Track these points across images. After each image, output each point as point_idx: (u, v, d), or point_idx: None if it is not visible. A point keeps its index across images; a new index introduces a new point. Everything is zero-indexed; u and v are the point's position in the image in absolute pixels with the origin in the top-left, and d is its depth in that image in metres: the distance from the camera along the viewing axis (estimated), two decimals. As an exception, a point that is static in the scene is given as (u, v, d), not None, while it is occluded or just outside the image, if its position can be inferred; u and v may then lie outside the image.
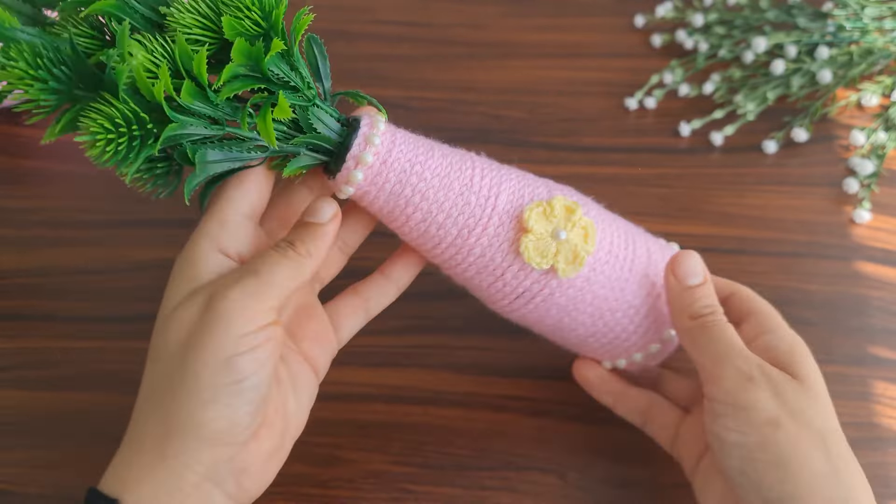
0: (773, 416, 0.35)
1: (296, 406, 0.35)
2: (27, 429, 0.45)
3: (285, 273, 0.32)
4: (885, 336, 0.47)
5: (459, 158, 0.37)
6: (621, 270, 0.39)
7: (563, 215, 0.37)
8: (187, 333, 0.31)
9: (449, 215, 0.36)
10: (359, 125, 0.35)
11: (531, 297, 0.38)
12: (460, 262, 0.37)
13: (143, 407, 0.32)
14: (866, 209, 0.52)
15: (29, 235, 0.53)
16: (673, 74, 0.60)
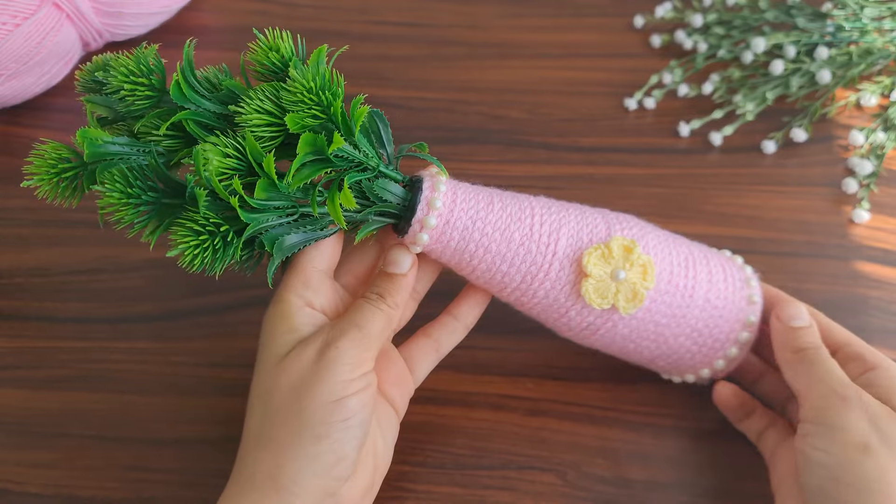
0: (863, 440, 0.35)
1: (383, 445, 0.38)
2: (26, 428, 0.45)
3: (381, 324, 0.36)
4: (884, 336, 0.47)
5: (519, 207, 0.39)
6: (682, 298, 0.40)
7: (622, 255, 0.39)
8: (299, 378, 0.34)
9: (512, 264, 0.39)
10: (421, 187, 0.38)
11: (596, 330, 0.40)
12: (526, 302, 0.40)
13: (254, 444, 0.35)
14: (865, 209, 0.52)
15: (27, 235, 0.53)
16: (672, 75, 0.60)
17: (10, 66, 0.55)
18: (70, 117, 0.60)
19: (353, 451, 0.34)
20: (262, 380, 0.36)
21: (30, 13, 0.54)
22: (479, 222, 0.38)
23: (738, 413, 0.43)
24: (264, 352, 0.36)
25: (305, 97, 0.35)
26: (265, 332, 0.37)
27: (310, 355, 0.35)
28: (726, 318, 0.41)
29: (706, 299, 0.41)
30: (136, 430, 0.45)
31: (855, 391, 0.37)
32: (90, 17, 0.58)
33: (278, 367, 0.35)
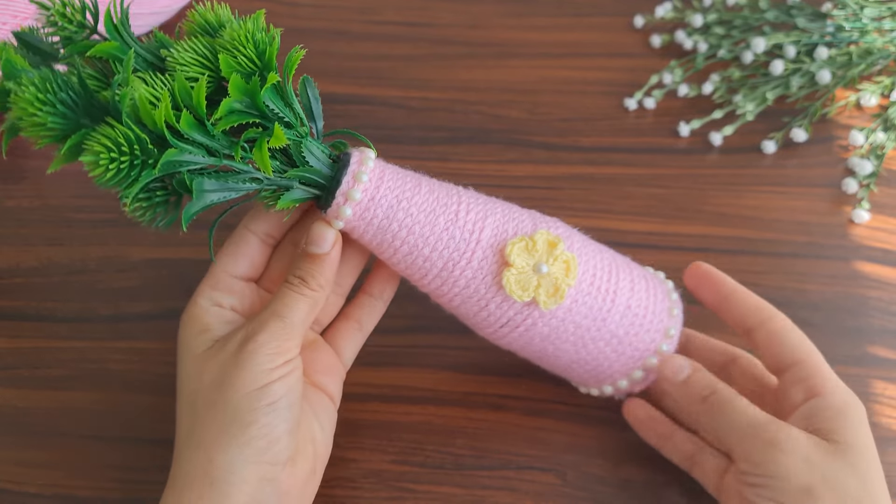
0: (805, 483, 0.35)
1: (321, 433, 0.38)
2: (24, 428, 0.45)
3: (304, 311, 0.36)
4: (884, 336, 0.47)
5: (446, 193, 0.39)
6: (603, 301, 0.39)
7: (546, 249, 0.38)
8: (221, 373, 0.34)
9: (434, 249, 0.38)
10: (349, 161, 0.37)
11: (515, 327, 0.39)
12: (446, 292, 0.39)
13: (185, 444, 0.35)
14: (865, 209, 0.52)
15: (27, 234, 0.53)
16: (672, 74, 0.60)
17: (10, 65, 0.55)
18: (70, 117, 0.60)
19: (284, 433, 0.34)
20: (184, 381, 0.36)
21: (30, 13, 0.54)
22: (405, 202, 0.37)
23: (653, 434, 0.43)
24: (182, 354, 0.37)
25: (240, 40, 0.34)
26: (180, 337, 0.37)
27: (229, 350, 0.35)
28: (647, 327, 0.40)
29: (627, 306, 0.40)
30: (136, 431, 0.45)
31: (781, 432, 0.36)
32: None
33: (199, 367, 0.35)
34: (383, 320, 0.43)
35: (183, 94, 0.34)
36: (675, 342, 0.42)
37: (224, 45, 0.34)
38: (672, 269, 0.50)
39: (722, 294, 0.42)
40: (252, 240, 0.39)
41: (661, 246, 0.51)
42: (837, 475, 0.35)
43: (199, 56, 0.34)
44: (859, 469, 0.36)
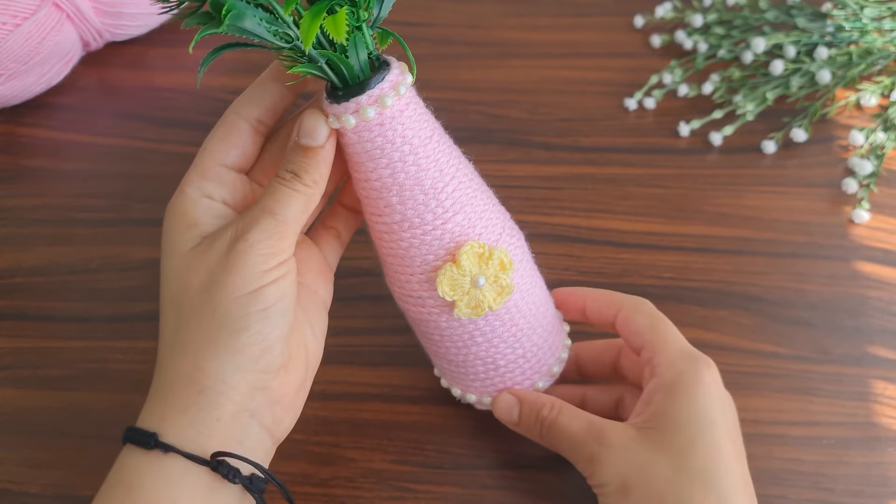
0: (622, 481, 0.35)
1: (313, 337, 0.36)
2: (26, 428, 0.45)
3: (298, 207, 0.33)
4: (884, 336, 0.47)
5: (447, 159, 0.36)
6: (510, 329, 0.39)
7: (495, 268, 0.37)
8: (209, 275, 0.32)
9: (402, 202, 0.35)
10: (389, 68, 0.34)
11: (421, 306, 0.38)
12: (387, 241, 0.37)
13: (170, 351, 0.33)
14: (865, 209, 0.52)
15: (28, 234, 0.53)
16: (672, 74, 0.60)
17: (11, 65, 0.55)
18: (71, 116, 0.60)
19: (278, 340, 0.32)
20: (169, 281, 0.33)
21: (30, 13, 0.54)
22: (407, 146, 0.34)
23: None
24: (167, 252, 0.34)
25: None
26: (164, 229, 0.34)
27: (218, 249, 0.32)
28: (532, 371, 0.41)
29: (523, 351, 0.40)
30: (137, 430, 0.45)
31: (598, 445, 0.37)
32: (90, 17, 0.58)
33: (186, 266, 0.33)
34: (384, 320, 0.43)
35: None
36: (553, 379, 0.42)
37: None
38: (672, 269, 0.50)
39: (580, 303, 0.42)
40: (243, 126, 0.35)
41: (661, 246, 0.51)
42: (650, 462, 0.35)
43: None
44: (675, 448, 0.35)
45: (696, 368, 0.37)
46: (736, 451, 0.36)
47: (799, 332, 0.48)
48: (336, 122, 0.33)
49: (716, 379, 0.37)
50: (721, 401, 0.37)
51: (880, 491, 0.42)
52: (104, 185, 0.55)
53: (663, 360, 0.38)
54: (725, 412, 0.37)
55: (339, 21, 0.30)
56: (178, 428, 0.31)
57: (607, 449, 0.36)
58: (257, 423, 0.33)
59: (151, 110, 0.60)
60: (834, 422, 0.44)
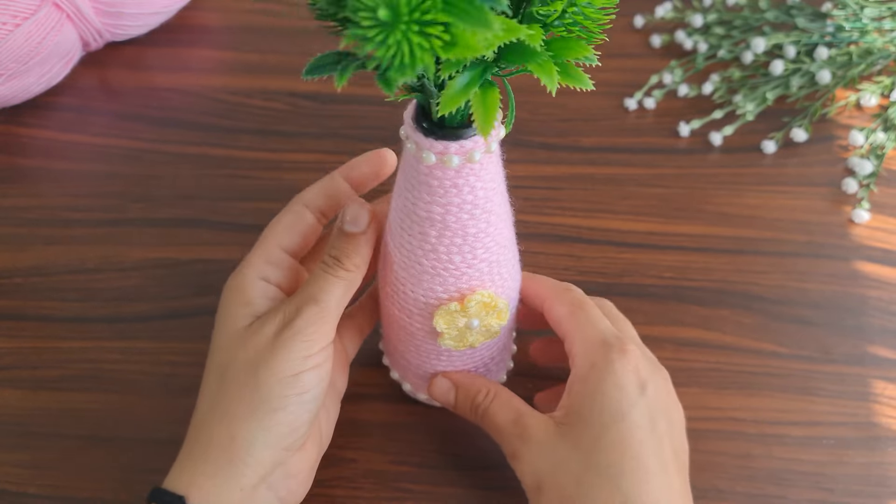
0: (536, 481, 0.35)
1: (326, 422, 0.39)
2: (24, 429, 0.45)
3: (339, 293, 0.35)
4: (884, 335, 0.47)
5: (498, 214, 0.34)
6: (476, 360, 0.40)
7: (492, 316, 0.37)
8: (256, 354, 0.34)
9: (440, 239, 0.34)
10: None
11: (407, 315, 0.38)
12: (405, 254, 0.35)
13: (209, 416, 0.35)
14: (865, 209, 0.52)
15: (26, 234, 0.53)
16: (672, 75, 0.60)
17: (11, 65, 0.55)
18: (71, 116, 0.60)
19: (305, 423, 0.35)
20: (218, 354, 0.36)
21: (30, 13, 0.54)
22: (471, 196, 0.32)
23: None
24: (220, 325, 0.36)
25: None
26: (221, 304, 0.37)
27: (267, 333, 0.35)
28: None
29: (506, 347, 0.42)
30: (135, 431, 0.45)
31: (518, 440, 0.37)
32: (90, 17, 0.58)
33: (236, 342, 0.35)
34: (383, 320, 0.43)
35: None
36: None
37: None
38: (673, 268, 0.50)
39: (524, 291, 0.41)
40: (307, 215, 0.38)
41: (661, 246, 0.51)
42: (562, 460, 0.35)
43: None
44: (584, 445, 0.34)
45: (607, 358, 0.36)
46: (655, 444, 0.34)
47: (800, 331, 0.48)
48: (413, 147, 0.31)
49: (631, 367, 0.36)
50: (636, 390, 0.35)
51: (880, 491, 0.42)
52: (103, 185, 0.55)
53: (578, 349, 0.37)
54: (641, 403, 0.35)
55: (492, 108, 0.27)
56: (205, 493, 0.33)
57: (527, 445, 0.36)
58: (274, 495, 0.35)
59: (151, 111, 0.60)
60: (834, 422, 0.44)
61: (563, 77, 0.27)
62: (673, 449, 0.36)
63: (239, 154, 0.57)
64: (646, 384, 0.36)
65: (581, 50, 0.27)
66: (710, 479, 0.43)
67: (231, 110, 0.60)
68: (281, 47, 0.63)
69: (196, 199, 0.54)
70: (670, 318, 0.48)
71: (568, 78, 0.27)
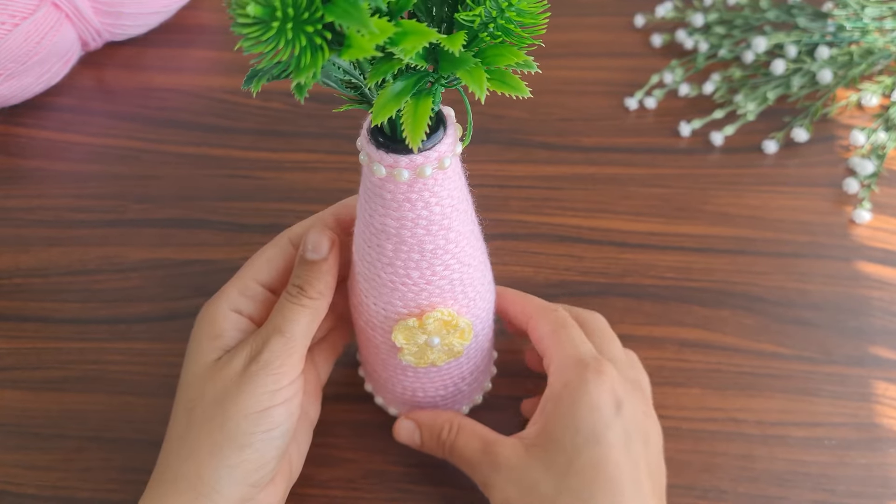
0: (505, 501, 0.35)
1: (297, 454, 0.39)
2: (24, 429, 0.45)
3: (304, 321, 0.35)
4: (886, 336, 0.47)
5: (458, 231, 0.33)
6: (444, 379, 0.39)
7: (453, 335, 0.36)
8: (224, 390, 0.34)
9: (396, 253, 0.33)
10: (443, 134, 0.30)
11: (371, 328, 0.37)
12: (366, 264, 0.34)
13: (176, 451, 0.34)
14: (866, 209, 0.52)
15: (26, 235, 0.53)
16: (673, 74, 0.60)
17: (10, 65, 0.55)
18: (69, 116, 0.60)
19: (273, 459, 0.34)
20: (186, 388, 0.35)
21: (29, 13, 0.54)
22: (426, 212, 0.31)
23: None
24: (190, 359, 0.36)
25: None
26: (192, 336, 0.37)
27: (235, 367, 0.34)
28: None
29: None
30: (135, 432, 0.44)
31: (489, 469, 0.36)
32: (89, 17, 0.58)
33: (204, 377, 0.35)
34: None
35: None
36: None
37: None
38: (674, 269, 0.50)
39: (500, 307, 0.41)
40: (290, 251, 0.38)
41: (662, 246, 0.51)
42: (535, 484, 0.34)
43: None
44: (556, 467, 0.34)
45: (581, 377, 0.35)
46: (631, 466, 0.34)
47: (801, 332, 0.47)
48: (365, 158, 0.31)
49: (607, 386, 0.35)
50: (612, 410, 0.35)
51: (881, 492, 0.42)
52: (102, 185, 0.55)
53: (554, 368, 0.37)
54: (617, 424, 0.34)
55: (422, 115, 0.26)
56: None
57: (497, 472, 0.35)
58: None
59: (150, 111, 0.60)
60: (836, 422, 0.44)
61: (495, 84, 0.26)
62: (649, 471, 0.35)
63: (238, 154, 0.57)
64: (622, 403, 0.35)
65: (512, 55, 0.26)
66: (712, 480, 0.43)
67: (230, 110, 0.60)
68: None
69: (196, 199, 0.54)
70: (671, 319, 0.48)
71: (503, 86, 0.27)
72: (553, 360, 0.37)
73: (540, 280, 0.50)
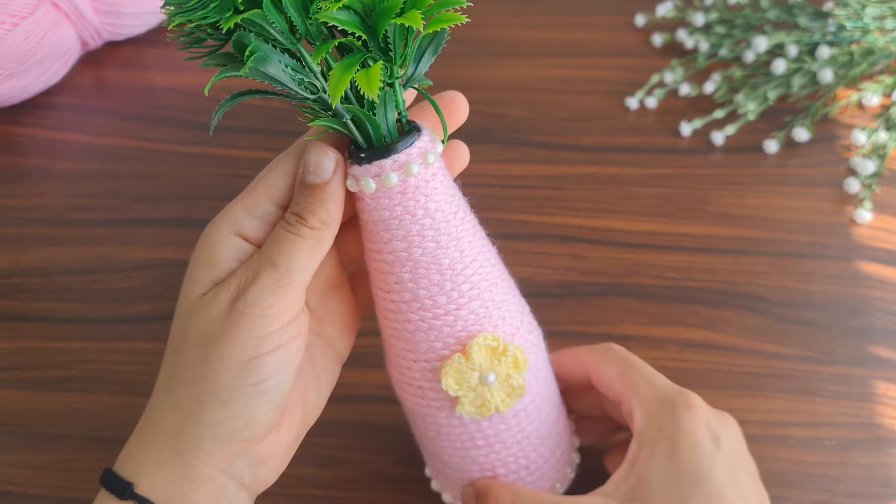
0: None
1: (316, 393, 0.34)
2: (25, 430, 0.45)
3: (304, 254, 0.30)
4: (887, 336, 0.47)
5: (469, 240, 0.32)
6: (516, 436, 0.36)
7: (507, 366, 0.33)
8: (208, 330, 0.29)
9: (415, 280, 0.32)
10: (419, 134, 0.31)
11: (421, 397, 0.34)
12: (393, 320, 0.33)
13: (161, 395, 0.31)
14: (867, 209, 0.52)
15: (26, 234, 0.53)
16: (673, 74, 0.60)
17: (9, 65, 0.54)
18: (69, 116, 0.60)
19: (265, 414, 0.30)
20: (175, 324, 0.31)
21: (28, 12, 0.54)
22: (429, 219, 0.31)
23: None
24: (184, 286, 0.31)
25: None
26: (189, 265, 0.31)
27: (221, 303, 0.29)
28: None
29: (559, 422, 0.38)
30: (136, 432, 0.44)
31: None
32: (89, 17, 0.57)
33: (190, 313, 0.30)
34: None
35: None
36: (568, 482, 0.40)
37: None
38: (676, 269, 0.50)
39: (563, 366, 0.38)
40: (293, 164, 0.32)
41: (664, 246, 0.51)
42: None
43: None
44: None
45: (674, 417, 0.33)
46: (742, 501, 0.32)
47: (802, 332, 0.47)
48: (355, 184, 0.30)
49: (702, 421, 0.33)
50: (711, 446, 0.33)
51: (882, 492, 0.42)
52: (102, 185, 0.55)
53: (638, 413, 0.34)
54: (720, 459, 0.33)
55: (373, 76, 0.27)
56: (154, 480, 0.30)
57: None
58: (236, 482, 0.31)
59: (149, 110, 0.60)
60: (837, 423, 0.44)
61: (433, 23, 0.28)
62: (760, 502, 0.33)
63: (238, 153, 0.57)
64: (718, 437, 0.33)
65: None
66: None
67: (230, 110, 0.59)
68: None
69: (195, 198, 0.54)
70: (674, 319, 0.48)
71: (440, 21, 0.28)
72: (633, 404, 0.34)
73: (541, 280, 0.50)
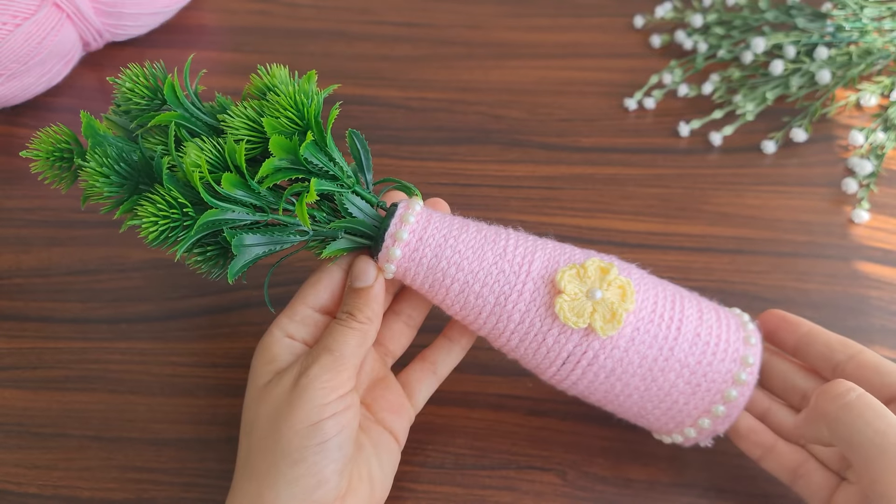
0: None
1: (380, 473, 0.38)
2: (26, 429, 0.45)
3: (353, 343, 0.37)
4: (884, 335, 0.47)
5: (493, 232, 0.39)
6: (668, 329, 0.38)
7: (598, 276, 0.38)
8: (276, 408, 0.35)
9: (485, 283, 0.38)
10: (396, 208, 0.38)
11: (576, 362, 0.38)
12: (503, 330, 0.39)
13: (240, 475, 0.36)
14: (865, 209, 0.52)
15: (27, 235, 0.53)
16: (672, 75, 0.60)
17: (11, 66, 0.55)
18: (70, 117, 0.60)
19: (333, 473, 0.35)
20: (246, 412, 0.37)
21: (30, 13, 0.54)
22: (452, 240, 0.38)
23: (754, 446, 0.40)
24: (249, 383, 0.38)
25: (283, 103, 0.36)
26: (252, 365, 0.38)
27: (285, 384, 0.36)
28: (721, 356, 0.38)
29: (696, 334, 0.38)
30: (136, 431, 0.45)
31: None
32: (90, 17, 0.58)
33: (259, 398, 0.36)
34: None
35: (232, 156, 0.36)
36: (756, 371, 0.39)
37: (269, 107, 0.37)
38: (674, 268, 0.50)
39: (800, 334, 0.40)
40: (336, 273, 0.39)
41: (662, 246, 0.51)
42: None
43: (248, 120, 0.37)
44: None
45: None
46: None
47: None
48: (391, 265, 0.38)
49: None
50: None
51: (882, 491, 0.42)
52: (103, 185, 0.55)
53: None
54: None
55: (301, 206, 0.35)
56: None
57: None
58: None
59: (151, 111, 0.60)
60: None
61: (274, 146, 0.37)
62: None
63: (239, 154, 0.57)
64: None
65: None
66: (712, 479, 0.43)
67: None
68: (280, 48, 0.63)
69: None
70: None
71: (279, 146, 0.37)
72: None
73: (540, 280, 0.50)
